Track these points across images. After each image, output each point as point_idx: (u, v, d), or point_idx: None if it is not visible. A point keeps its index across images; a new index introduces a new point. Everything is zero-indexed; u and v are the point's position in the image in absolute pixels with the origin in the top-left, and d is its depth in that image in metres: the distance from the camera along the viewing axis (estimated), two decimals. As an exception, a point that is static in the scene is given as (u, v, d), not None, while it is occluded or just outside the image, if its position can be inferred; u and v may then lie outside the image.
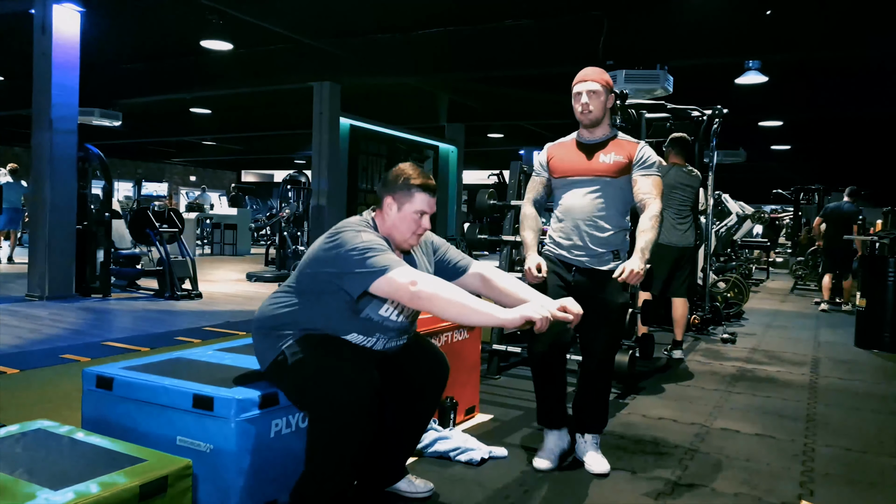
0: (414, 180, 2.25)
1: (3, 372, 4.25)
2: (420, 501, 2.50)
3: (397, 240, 2.28)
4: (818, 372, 5.04)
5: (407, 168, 2.29)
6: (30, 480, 1.68)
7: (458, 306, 2.04)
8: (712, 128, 6.27)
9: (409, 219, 2.25)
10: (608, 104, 2.87)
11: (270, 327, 2.24)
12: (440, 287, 2.06)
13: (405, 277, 2.04)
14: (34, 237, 7.68)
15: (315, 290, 2.20)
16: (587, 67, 2.92)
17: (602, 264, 2.86)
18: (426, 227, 2.30)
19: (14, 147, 20.56)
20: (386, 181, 2.29)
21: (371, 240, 2.13)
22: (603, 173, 2.84)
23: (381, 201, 2.29)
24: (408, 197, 2.24)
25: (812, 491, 2.76)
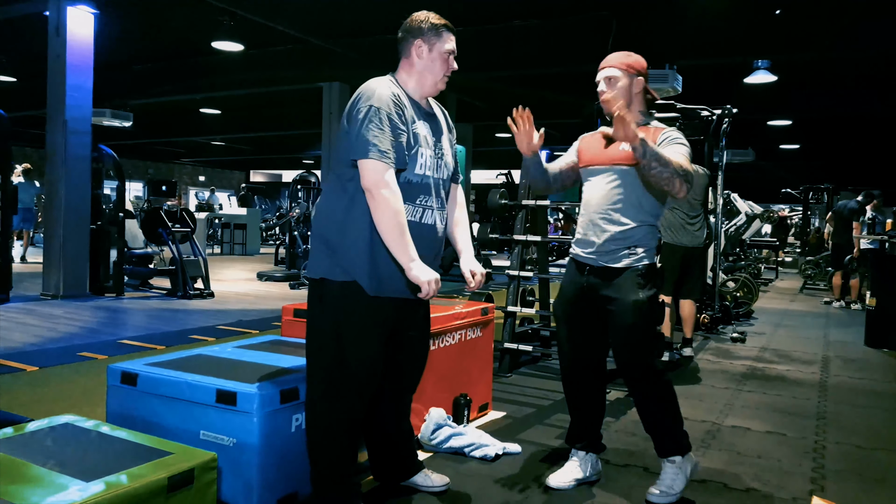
0: (439, 20, 2.28)
1: (23, 369, 4.32)
2: (436, 495, 2.54)
3: (428, 84, 2.29)
4: (828, 370, 5.06)
5: (425, 12, 2.31)
6: (61, 472, 1.74)
7: (397, 228, 2.07)
8: (721, 127, 6.28)
9: (440, 59, 2.27)
10: (634, 89, 2.57)
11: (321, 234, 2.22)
12: (394, 204, 2.07)
13: (384, 175, 2.07)
14: (49, 237, 7.77)
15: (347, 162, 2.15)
16: (614, 53, 2.66)
17: (615, 261, 2.54)
18: (454, 66, 2.32)
19: (25, 148, 20.71)
20: (409, 28, 2.28)
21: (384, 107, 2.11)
22: (620, 161, 2.53)
23: (408, 48, 2.27)
24: (437, 37, 2.26)
25: (823, 487, 2.78)
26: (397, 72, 2.32)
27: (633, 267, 2.53)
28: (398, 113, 2.15)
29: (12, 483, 1.65)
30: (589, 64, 3.13)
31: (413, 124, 2.20)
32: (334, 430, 2.18)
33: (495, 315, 3.74)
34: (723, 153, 6.56)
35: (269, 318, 6.60)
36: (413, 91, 2.28)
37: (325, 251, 2.19)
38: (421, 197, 2.23)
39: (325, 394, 2.17)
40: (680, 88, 7.81)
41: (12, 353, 4.75)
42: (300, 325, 2.81)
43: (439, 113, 2.42)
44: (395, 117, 2.13)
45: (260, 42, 9.87)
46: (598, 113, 5.85)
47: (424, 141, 2.23)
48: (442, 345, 3.15)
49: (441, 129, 2.36)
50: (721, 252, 7.15)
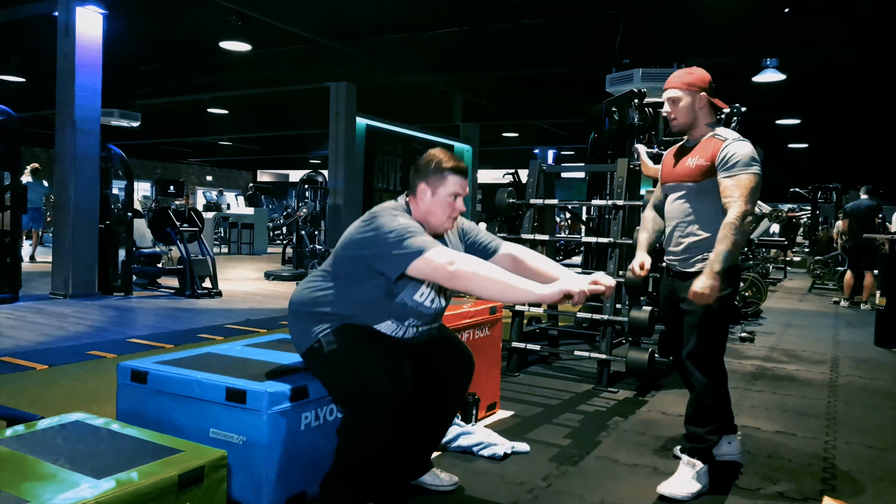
0: (446, 163, 2.28)
1: (33, 368, 4.34)
2: (445, 494, 2.54)
3: (433, 224, 2.30)
4: (838, 370, 5.03)
5: (437, 153, 2.32)
6: (72, 469, 1.74)
7: (497, 283, 2.07)
8: (730, 126, 6.24)
9: (443, 202, 2.28)
10: (698, 105, 2.68)
11: (306, 312, 2.27)
12: (478, 265, 2.09)
13: (443, 258, 2.07)
14: (58, 236, 7.81)
15: (351, 274, 2.23)
16: (675, 72, 2.77)
17: (689, 266, 2.70)
18: (461, 209, 2.33)
19: (34, 148, 20.82)
20: (418, 168, 2.31)
21: (407, 223, 2.16)
22: (686, 178, 2.69)
23: (415, 188, 2.31)
24: (441, 181, 2.27)
25: (834, 487, 2.77)
26: (409, 200, 2.35)
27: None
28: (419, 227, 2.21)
29: (24, 480, 1.66)
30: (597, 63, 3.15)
31: None
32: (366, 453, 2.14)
33: (503, 314, 3.73)
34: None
35: (276, 317, 6.61)
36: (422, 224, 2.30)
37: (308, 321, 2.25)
38: (411, 320, 2.27)
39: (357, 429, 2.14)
40: (688, 87, 7.78)
41: (22, 352, 4.77)
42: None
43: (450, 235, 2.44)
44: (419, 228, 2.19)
45: (267, 42, 9.90)
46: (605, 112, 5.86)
47: None
48: (450, 344, 3.14)
49: None
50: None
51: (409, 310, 2.25)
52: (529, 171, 4.95)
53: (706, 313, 2.61)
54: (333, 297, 2.25)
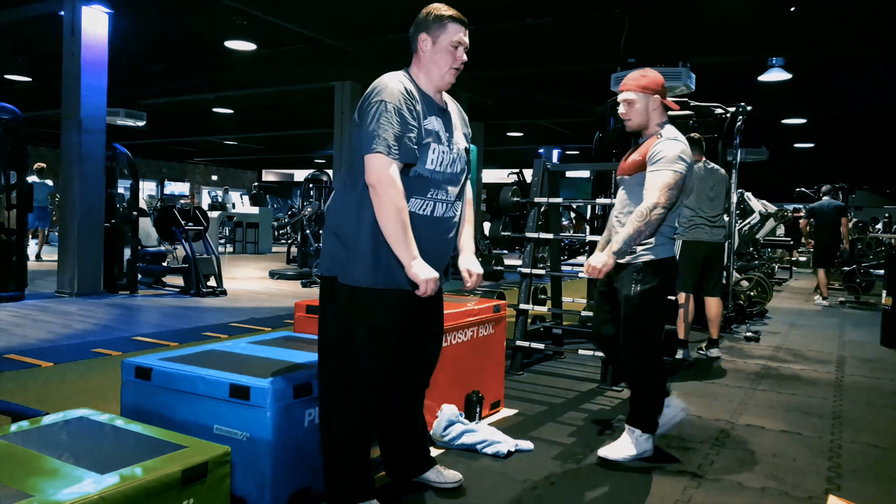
0: (445, 11, 2.24)
1: (39, 365, 4.36)
2: (449, 491, 2.54)
3: (435, 77, 2.25)
4: (843, 370, 5.01)
5: (435, 4, 2.28)
6: (76, 465, 1.74)
7: (398, 224, 2.06)
8: (735, 125, 6.24)
9: (445, 51, 2.22)
10: (651, 107, 2.85)
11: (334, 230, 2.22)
12: (398, 201, 2.05)
13: (390, 170, 2.05)
14: (64, 235, 7.83)
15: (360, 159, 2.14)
16: (629, 73, 2.92)
17: (621, 258, 2.86)
18: (462, 59, 2.26)
19: (41, 147, 20.90)
20: (416, 21, 2.27)
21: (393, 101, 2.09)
22: (625, 172, 2.94)
23: (415, 42, 2.26)
24: (441, 29, 2.22)
25: (839, 486, 2.76)
26: (410, 67, 2.30)
27: (632, 263, 2.86)
28: (409, 108, 2.13)
29: (28, 475, 1.66)
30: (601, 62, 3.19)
31: (425, 119, 2.19)
32: (346, 424, 2.18)
33: (507, 313, 3.73)
34: (737, 151, 6.51)
35: (281, 315, 6.62)
36: (424, 86, 2.25)
37: (337, 249, 2.19)
38: (432, 191, 2.21)
39: (338, 388, 2.18)
40: (693, 86, 7.76)
41: (28, 350, 4.79)
42: (313, 322, 2.81)
43: (453, 108, 2.40)
44: (405, 112, 2.11)
45: (272, 42, 9.91)
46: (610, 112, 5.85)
47: (436, 136, 2.21)
48: (454, 342, 3.15)
49: (454, 124, 2.34)
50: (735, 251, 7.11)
51: (426, 181, 2.18)
52: (534, 170, 4.94)
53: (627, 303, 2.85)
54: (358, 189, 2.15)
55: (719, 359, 5.21)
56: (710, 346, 5.29)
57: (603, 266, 2.69)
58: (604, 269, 2.70)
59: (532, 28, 8.76)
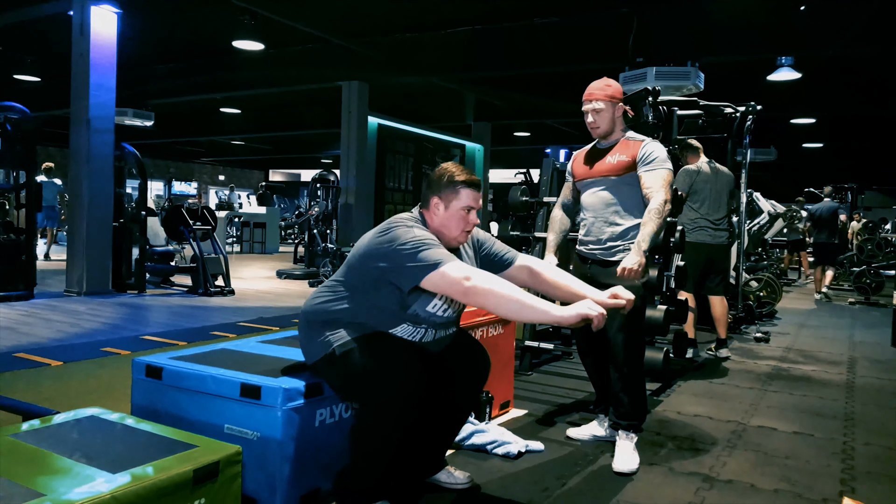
0: (458, 177, 2.27)
1: (48, 364, 4.37)
2: (460, 492, 2.52)
3: (447, 238, 2.29)
4: (855, 371, 4.97)
5: (450, 166, 2.31)
6: (88, 464, 1.74)
7: (514, 302, 2.04)
8: (745, 125, 6.20)
9: (456, 216, 2.27)
10: (616, 114, 3.02)
11: (320, 322, 2.26)
12: (494, 283, 2.07)
13: (459, 272, 2.05)
14: (72, 234, 7.86)
15: (364, 284, 2.21)
16: (593, 82, 3.06)
17: (611, 255, 2.99)
18: (474, 222, 2.31)
19: (49, 147, 21.00)
20: (430, 182, 2.30)
21: (423, 235, 2.15)
22: (608, 173, 3.03)
23: (428, 202, 2.30)
24: (454, 194, 2.26)
25: (854, 489, 2.73)
26: (423, 212, 2.33)
27: None
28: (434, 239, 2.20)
29: (40, 474, 1.66)
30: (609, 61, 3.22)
31: None
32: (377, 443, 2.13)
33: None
34: (746, 151, 6.47)
35: (288, 315, 6.62)
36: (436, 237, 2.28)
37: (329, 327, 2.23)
38: (424, 327, 2.27)
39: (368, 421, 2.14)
40: (702, 86, 7.72)
41: (37, 349, 4.80)
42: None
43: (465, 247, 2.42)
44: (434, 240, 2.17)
45: (280, 41, 9.92)
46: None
47: None
48: (464, 341, 3.13)
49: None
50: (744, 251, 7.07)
51: (421, 319, 2.25)
52: (542, 170, 4.92)
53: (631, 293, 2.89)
54: (347, 305, 2.23)
55: (729, 358, 5.18)
56: (718, 346, 5.27)
57: (638, 266, 2.74)
58: (641, 268, 2.75)
59: (539, 27, 8.73)
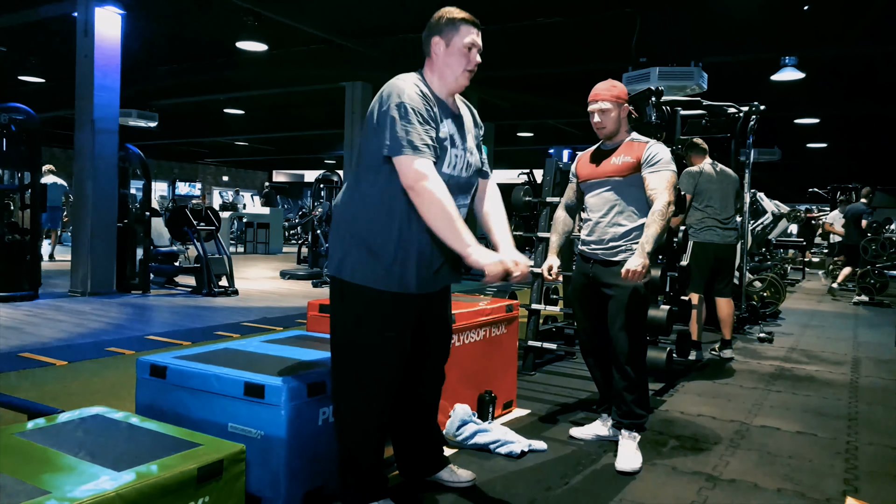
0: (458, 14, 2.24)
1: (53, 364, 4.38)
2: (462, 491, 2.53)
3: (449, 80, 2.24)
4: (859, 371, 4.96)
5: (447, 8, 2.27)
6: (92, 462, 1.75)
7: (446, 218, 2.03)
8: (748, 125, 6.19)
9: (458, 53, 2.22)
10: (622, 115, 3.04)
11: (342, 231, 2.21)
12: (444, 197, 2.03)
13: (421, 167, 2.03)
14: (77, 235, 7.89)
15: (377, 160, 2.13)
16: (599, 83, 3.09)
17: (614, 256, 3.00)
18: (476, 60, 2.25)
19: (53, 148, 21.06)
20: (429, 26, 2.26)
21: (413, 103, 2.08)
22: (612, 174, 3.04)
23: (428, 46, 2.26)
24: (454, 31, 2.22)
25: (857, 488, 2.73)
26: (423, 70, 2.29)
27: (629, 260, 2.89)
28: (427, 109, 2.13)
29: (45, 472, 1.67)
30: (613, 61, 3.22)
31: (441, 123, 2.18)
32: (359, 422, 2.18)
33: (519, 313, 3.72)
34: (750, 151, 6.47)
35: (292, 315, 6.63)
36: (437, 89, 2.24)
37: (349, 249, 2.17)
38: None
39: (351, 388, 2.17)
40: (705, 86, 7.72)
41: (42, 349, 4.83)
42: (325, 321, 2.80)
43: (465, 111, 2.39)
44: (424, 113, 2.11)
45: (283, 42, 9.94)
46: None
47: (452, 140, 2.21)
48: (466, 341, 3.14)
49: (467, 128, 2.34)
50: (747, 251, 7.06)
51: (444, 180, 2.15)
52: (546, 170, 4.93)
53: (633, 293, 2.93)
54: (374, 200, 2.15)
55: (733, 359, 5.18)
56: (723, 347, 5.26)
57: (643, 268, 2.74)
58: (644, 269, 2.75)
59: (543, 28, 8.74)
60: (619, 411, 2.99)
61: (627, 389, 2.96)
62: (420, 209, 2.06)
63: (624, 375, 2.96)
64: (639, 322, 3.01)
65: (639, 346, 3.01)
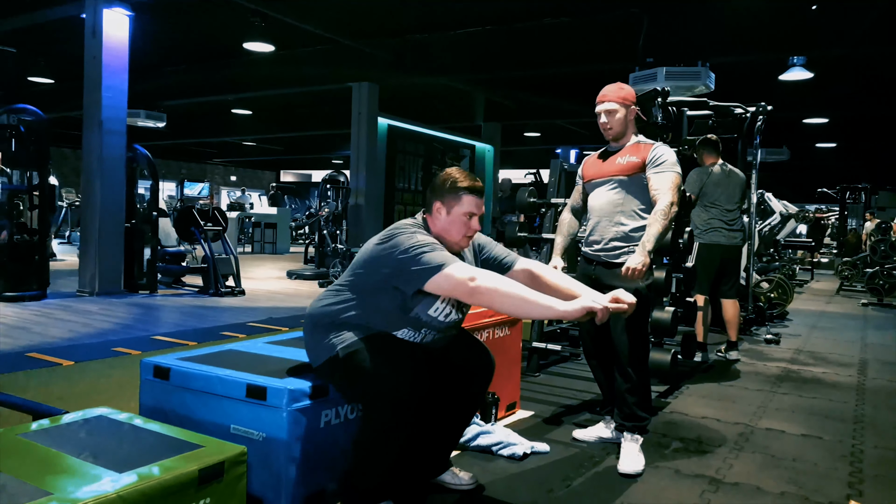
0: (461, 183, 2.28)
1: (59, 363, 4.41)
2: (464, 493, 2.53)
3: (448, 243, 2.30)
4: (866, 373, 4.93)
5: (453, 172, 2.32)
6: (95, 463, 1.76)
7: (518, 299, 2.06)
8: (756, 125, 6.16)
9: (458, 221, 2.28)
10: (629, 117, 3.05)
11: (324, 325, 2.27)
12: (498, 281, 2.09)
13: (464, 273, 2.07)
14: (85, 235, 7.93)
15: (368, 289, 2.23)
16: (607, 85, 3.11)
17: (616, 257, 3.00)
18: (476, 228, 2.32)
19: (63, 148, 21.19)
20: (433, 187, 2.32)
21: (425, 239, 2.17)
22: (617, 173, 3.05)
23: (430, 207, 2.32)
24: (456, 200, 2.27)
25: (861, 492, 2.71)
26: (427, 217, 2.35)
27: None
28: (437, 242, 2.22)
29: (48, 473, 1.68)
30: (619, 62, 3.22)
31: None
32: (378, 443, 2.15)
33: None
34: (757, 152, 6.43)
35: (298, 315, 6.65)
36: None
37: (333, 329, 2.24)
38: (426, 330, 2.28)
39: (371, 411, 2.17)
40: (713, 86, 7.68)
41: (50, 348, 4.86)
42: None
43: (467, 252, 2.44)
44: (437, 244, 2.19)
45: (290, 43, 9.96)
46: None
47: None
48: (470, 343, 3.13)
49: None
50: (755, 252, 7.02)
51: (424, 323, 2.26)
52: (551, 171, 4.92)
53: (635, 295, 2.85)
54: (351, 307, 2.25)
55: (738, 361, 5.16)
56: (728, 348, 5.24)
57: (643, 266, 2.74)
58: (644, 268, 2.75)
59: (549, 28, 8.72)
60: (621, 414, 2.98)
61: (630, 391, 2.95)
62: (490, 307, 2.15)
63: (626, 377, 2.96)
64: (641, 324, 2.99)
65: (641, 347, 3.00)
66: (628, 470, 2.80)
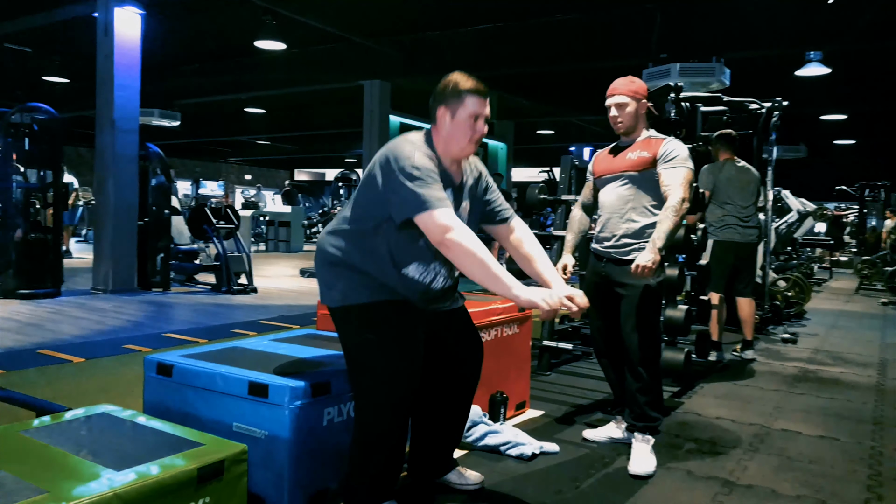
0: (463, 84, 2.19)
1: (70, 360, 4.43)
2: (471, 493, 2.49)
3: (454, 150, 2.21)
4: (885, 374, 4.83)
5: (454, 75, 2.23)
6: (94, 461, 1.74)
7: (481, 267, 2.01)
8: (771, 121, 6.06)
9: (463, 125, 2.18)
10: (640, 111, 2.99)
11: (329, 262, 2.22)
12: (473, 245, 2.01)
13: (444, 220, 2.01)
14: (98, 233, 7.98)
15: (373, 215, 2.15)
16: (617, 79, 3.02)
17: (626, 254, 2.94)
18: (482, 130, 2.22)
19: (79, 147, 21.37)
20: (436, 94, 2.23)
21: (424, 165, 2.07)
22: (627, 169, 2.98)
23: (434, 114, 2.23)
24: (459, 102, 2.18)
25: (880, 496, 2.64)
26: (431, 132, 2.26)
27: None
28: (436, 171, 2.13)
29: (46, 470, 1.66)
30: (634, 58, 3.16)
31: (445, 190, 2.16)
32: (376, 436, 2.15)
33: (533, 312, 3.66)
34: (772, 148, 6.33)
35: (310, 313, 6.63)
36: (443, 154, 2.22)
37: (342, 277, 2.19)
38: (435, 264, 2.21)
39: (368, 401, 2.15)
40: (728, 82, 7.58)
41: (61, 345, 4.88)
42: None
43: (469, 174, 2.35)
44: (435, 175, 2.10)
45: (302, 41, 9.97)
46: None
47: None
48: (478, 341, 3.09)
49: (462, 206, 2.29)
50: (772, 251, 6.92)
51: (432, 252, 2.16)
52: (562, 167, 4.87)
53: (645, 292, 2.88)
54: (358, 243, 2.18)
55: (754, 361, 5.07)
56: (744, 347, 5.16)
57: (653, 263, 2.68)
58: (654, 266, 2.69)
59: (561, 24, 8.65)
60: (632, 413, 2.93)
61: (640, 391, 2.90)
62: (454, 262, 2.08)
63: (637, 377, 2.90)
64: (652, 322, 2.94)
65: (652, 347, 2.94)
66: (639, 471, 2.75)
